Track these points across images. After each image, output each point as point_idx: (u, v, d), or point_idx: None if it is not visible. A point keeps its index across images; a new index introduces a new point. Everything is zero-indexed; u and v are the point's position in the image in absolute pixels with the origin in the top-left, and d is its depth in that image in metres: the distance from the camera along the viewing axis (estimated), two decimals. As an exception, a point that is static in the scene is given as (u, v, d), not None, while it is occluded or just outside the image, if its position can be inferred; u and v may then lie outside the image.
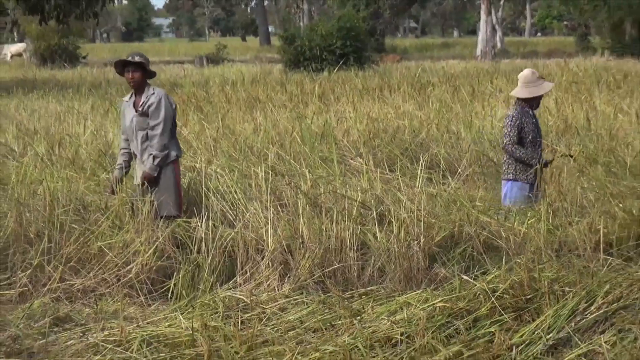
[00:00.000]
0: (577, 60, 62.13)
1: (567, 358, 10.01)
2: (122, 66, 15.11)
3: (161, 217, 14.60)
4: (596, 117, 23.49)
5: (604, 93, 30.53)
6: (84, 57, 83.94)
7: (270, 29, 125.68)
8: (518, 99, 15.80)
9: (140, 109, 14.93)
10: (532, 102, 15.92)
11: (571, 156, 16.20)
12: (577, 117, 23.40)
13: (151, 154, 14.89)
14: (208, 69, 61.75)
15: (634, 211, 13.30)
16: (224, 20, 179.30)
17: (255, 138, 21.67)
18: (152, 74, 15.30)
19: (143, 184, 14.89)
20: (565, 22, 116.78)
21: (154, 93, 15.08)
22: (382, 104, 29.40)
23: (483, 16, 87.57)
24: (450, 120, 24.53)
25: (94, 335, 11.59)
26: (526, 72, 16.35)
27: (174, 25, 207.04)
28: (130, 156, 15.25)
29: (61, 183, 16.66)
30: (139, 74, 14.98)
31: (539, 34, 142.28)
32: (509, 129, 15.64)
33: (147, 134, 14.93)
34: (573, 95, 30.10)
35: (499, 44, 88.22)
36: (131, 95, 15.17)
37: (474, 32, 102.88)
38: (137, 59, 15.04)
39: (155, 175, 14.96)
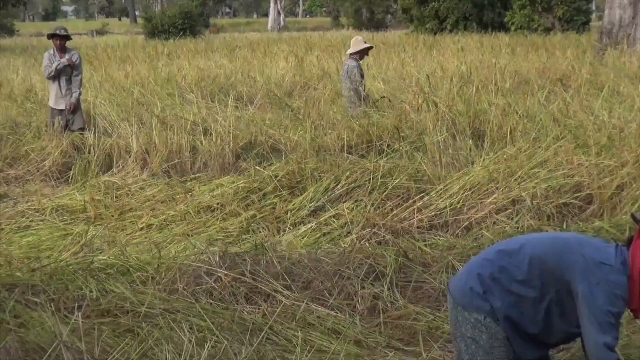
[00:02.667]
0: (332, 32, 62.21)
1: (322, 218, 10.10)
2: (52, 35, 15.38)
3: (73, 130, 14.91)
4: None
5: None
6: (17, 31, 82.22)
7: (137, 12, 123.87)
8: (352, 54, 15.62)
9: (69, 63, 15.13)
10: (362, 55, 15.73)
11: (384, 97, 16.06)
12: (330, 67, 23.47)
13: (75, 91, 15.19)
14: (97, 38, 61.07)
15: (365, 126, 13.42)
16: (107, 7, 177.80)
17: (126, 81, 21.42)
18: (69, 39, 15.53)
19: (69, 110, 15.12)
20: (324, 8, 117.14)
21: (74, 53, 15.49)
22: (207, 60, 29.24)
23: (272, 4, 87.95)
24: (250, 70, 24.45)
25: (22, 205, 11.72)
26: (357, 37, 16.33)
27: (75, 11, 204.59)
28: None
29: (0, 109, 17.39)
30: (64, 41, 15.27)
31: (308, 16, 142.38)
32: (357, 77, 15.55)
33: (70, 79, 15.15)
34: (328, 53, 30.17)
35: (282, 22, 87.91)
36: (54, 52, 15.22)
37: (267, 14, 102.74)
38: (63, 32, 15.36)
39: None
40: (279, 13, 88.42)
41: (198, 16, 65.00)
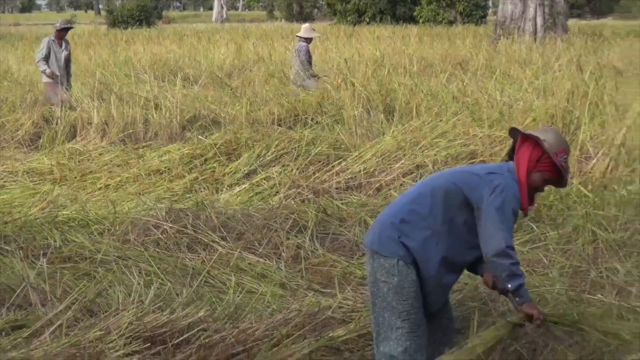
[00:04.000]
0: (266, 23, 62.00)
1: (254, 180, 10.12)
2: (67, 29, 15.32)
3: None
4: (275, 53, 23.56)
5: (281, 40, 30.55)
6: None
7: (100, 5, 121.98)
8: (303, 38, 15.57)
9: (66, 51, 15.17)
10: (310, 41, 15.66)
11: (326, 76, 16.01)
12: (264, 53, 23.41)
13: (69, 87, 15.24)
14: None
15: (292, 102, 13.45)
16: (75, 1, 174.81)
17: (89, 64, 21.20)
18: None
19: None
20: (261, 3, 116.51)
21: (69, 43, 15.50)
22: (159, 45, 28.96)
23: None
24: (195, 54, 24.31)
25: (-2, 168, 11.53)
26: (307, 25, 16.33)
27: (48, 4, 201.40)
28: None
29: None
30: (67, 32, 15.29)
31: (247, 9, 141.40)
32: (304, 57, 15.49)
33: (68, 63, 15.27)
34: (263, 41, 30.09)
35: (224, 15, 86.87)
36: (54, 39, 14.98)
37: (212, 8, 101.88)
38: (69, 25, 15.69)
39: None
40: (222, 7, 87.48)
41: (152, 9, 64.40)
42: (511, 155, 5.24)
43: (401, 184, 9.87)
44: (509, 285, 4.91)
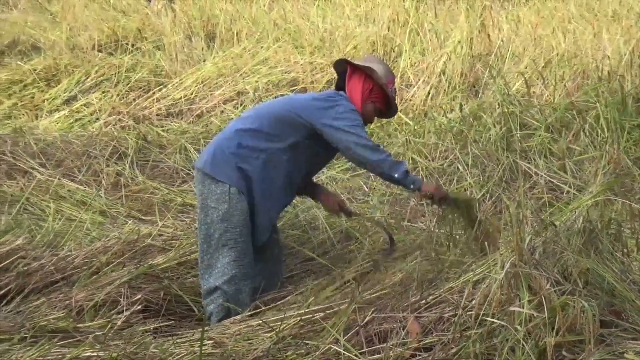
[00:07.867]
0: None
1: (74, 106, 9.90)
2: None
3: None
4: None
5: None
6: None
7: None
8: None
9: None
10: None
11: None
12: None
13: None
14: None
15: (113, 28, 13.06)
16: None
17: None
18: None
19: None
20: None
21: None
22: None
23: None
24: None
25: None
26: None
27: None
28: None
29: None
30: None
31: None
32: None
33: None
34: None
35: None
36: None
37: None
38: None
39: None
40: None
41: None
42: (338, 87, 5.29)
43: (222, 111, 9.87)
44: (396, 175, 4.95)
